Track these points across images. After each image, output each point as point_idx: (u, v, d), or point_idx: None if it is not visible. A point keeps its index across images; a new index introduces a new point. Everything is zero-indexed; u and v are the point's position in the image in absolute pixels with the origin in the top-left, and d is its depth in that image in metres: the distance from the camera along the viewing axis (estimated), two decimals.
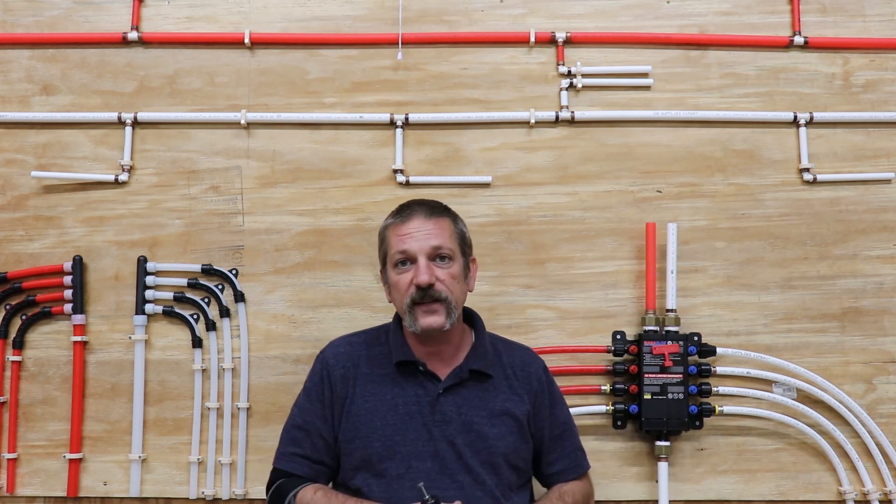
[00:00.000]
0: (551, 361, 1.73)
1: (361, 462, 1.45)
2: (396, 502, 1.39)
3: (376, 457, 1.44)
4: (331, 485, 1.53)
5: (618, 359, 1.88)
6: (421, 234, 1.46)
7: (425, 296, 1.43)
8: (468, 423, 1.45)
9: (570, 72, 1.94)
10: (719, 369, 1.85)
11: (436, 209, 1.51)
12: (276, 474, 1.51)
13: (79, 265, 1.89)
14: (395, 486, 1.41)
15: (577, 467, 1.58)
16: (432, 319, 1.44)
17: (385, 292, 1.56)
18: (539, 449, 1.56)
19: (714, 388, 1.84)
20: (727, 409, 1.84)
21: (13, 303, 1.91)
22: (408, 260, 1.46)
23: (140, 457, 1.86)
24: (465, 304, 1.55)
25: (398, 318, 1.55)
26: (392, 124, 1.94)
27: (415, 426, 1.45)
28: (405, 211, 1.50)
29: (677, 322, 1.84)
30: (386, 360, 1.52)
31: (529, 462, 1.55)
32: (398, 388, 1.48)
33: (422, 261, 1.44)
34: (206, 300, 1.91)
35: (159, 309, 1.90)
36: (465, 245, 1.53)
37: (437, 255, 1.46)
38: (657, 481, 1.82)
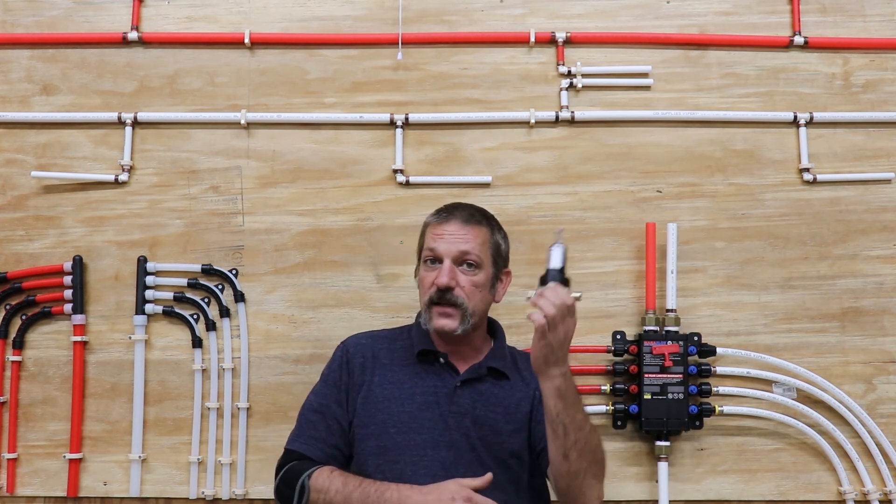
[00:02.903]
0: None
1: (376, 448, 1.45)
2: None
3: (391, 444, 1.44)
4: None
5: (618, 359, 1.88)
6: (453, 238, 1.48)
7: (442, 298, 1.46)
8: (483, 418, 1.46)
9: (570, 72, 1.94)
10: (719, 369, 1.85)
11: (475, 216, 1.53)
12: (288, 456, 1.47)
13: (79, 265, 1.89)
14: (408, 473, 1.40)
15: None
16: (444, 322, 1.46)
17: (417, 283, 1.57)
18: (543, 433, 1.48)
19: (714, 388, 1.84)
20: (727, 409, 1.84)
21: (13, 303, 1.91)
22: (436, 259, 1.49)
23: (140, 457, 1.86)
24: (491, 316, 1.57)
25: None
26: (392, 124, 1.94)
27: (431, 416, 1.45)
28: (446, 212, 1.53)
29: (677, 322, 1.84)
30: (407, 353, 1.53)
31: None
32: (417, 378, 1.50)
33: (446, 263, 1.47)
34: (206, 300, 1.91)
35: (159, 309, 1.90)
36: (497, 256, 1.54)
37: (463, 261, 1.48)
38: (657, 481, 1.82)
